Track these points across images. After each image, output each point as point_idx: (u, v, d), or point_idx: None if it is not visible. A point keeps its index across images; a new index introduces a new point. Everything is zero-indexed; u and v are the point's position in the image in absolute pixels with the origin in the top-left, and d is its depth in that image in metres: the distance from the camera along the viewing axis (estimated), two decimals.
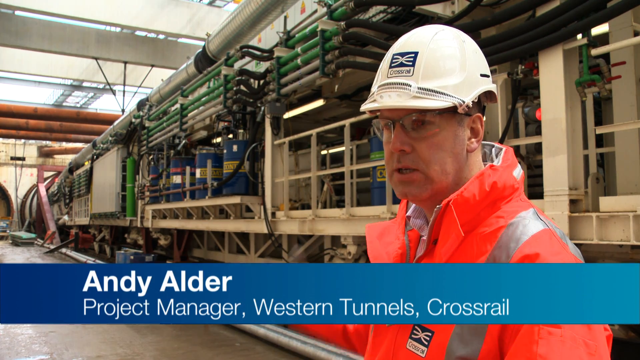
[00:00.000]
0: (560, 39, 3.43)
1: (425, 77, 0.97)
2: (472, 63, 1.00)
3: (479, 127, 1.02)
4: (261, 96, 6.83)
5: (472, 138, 1.02)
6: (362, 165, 5.92)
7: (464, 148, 1.00)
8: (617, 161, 3.78)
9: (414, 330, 0.99)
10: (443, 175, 0.98)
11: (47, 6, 16.05)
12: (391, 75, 0.99)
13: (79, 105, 35.28)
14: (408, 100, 0.96)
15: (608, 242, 3.18)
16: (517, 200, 1.00)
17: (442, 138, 0.98)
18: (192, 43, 19.35)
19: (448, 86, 0.97)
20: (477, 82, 1.00)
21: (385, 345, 1.05)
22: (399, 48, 1.01)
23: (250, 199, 7.17)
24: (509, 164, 1.02)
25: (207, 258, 11.08)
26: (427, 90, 0.96)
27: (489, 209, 0.97)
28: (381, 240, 1.13)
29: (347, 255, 5.58)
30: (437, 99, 0.95)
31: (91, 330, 7.36)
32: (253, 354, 6.20)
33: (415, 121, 0.97)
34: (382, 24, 5.01)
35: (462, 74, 0.98)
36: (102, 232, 19.18)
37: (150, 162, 11.79)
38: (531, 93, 5.03)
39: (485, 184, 0.96)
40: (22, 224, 41.06)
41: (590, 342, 0.81)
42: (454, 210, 0.95)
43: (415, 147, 0.98)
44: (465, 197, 0.95)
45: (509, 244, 0.91)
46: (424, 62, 0.97)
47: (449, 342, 0.92)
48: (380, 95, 0.99)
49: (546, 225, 0.94)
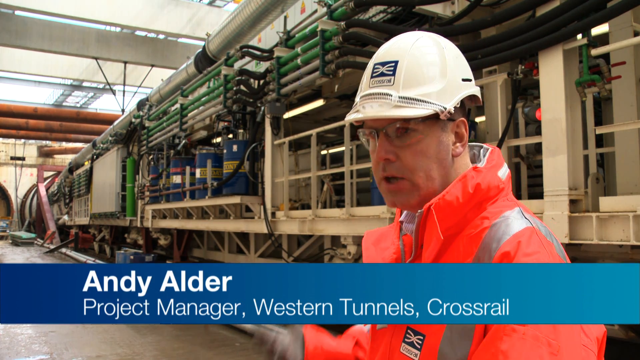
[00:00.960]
0: (560, 39, 3.43)
1: (405, 85, 0.98)
2: (453, 69, 1.00)
3: (463, 132, 1.03)
4: (261, 96, 6.82)
5: (457, 142, 1.02)
6: (362, 165, 5.92)
7: (448, 153, 1.01)
8: (617, 161, 3.78)
9: (406, 334, 0.99)
10: (429, 182, 0.99)
11: (47, 6, 16.05)
12: (373, 85, 1.00)
13: (79, 105, 35.28)
14: (389, 110, 0.97)
15: (608, 242, 3.18)
16: (503, 200, 1.00)
17: (426, 145, 0.99)
18: (192, 43, 19.35)
19: (429, 93, 0.97)
20: (459, 87, 1.00)
21: (381, 349, 1.05)
22: (380, 57, 1.02)
23: (250, 199, 7.17)
24: (494, 165, 1.03)
25: (207, 258, 11.08)
26: (407, 99, 0.97)
27: (475, 211, 0.98)
28: (377, 247, 1.14)
29: (347, 255, 5.58)
30: (418, 107, 0.96)
31: (91, 330, 7.37)
32: (253, 354, 6.20)
33: (399, 129, 0.98)
34: (382, 24, 5.01)
35: (443, 80, 0.99)
36: (102, 232, 19.19)
37: (150, 162, 11.78)
38: (531, 93, 5.03)
39: (468, 186, 0.97)
40: (22, 224, 41.07)
41: (554, 342, 0.82)
42: (434, 214, 0.96)
43: (399, 155, 0.99)
44: (448, 200, 0.96)
45: (491, 244, 0.92)
46: (404, 71, 0.98)
47: (440, 346, 0.92)
48: (362, 105, 1.00)
49: (530, 223, 0.94)
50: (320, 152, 8.31)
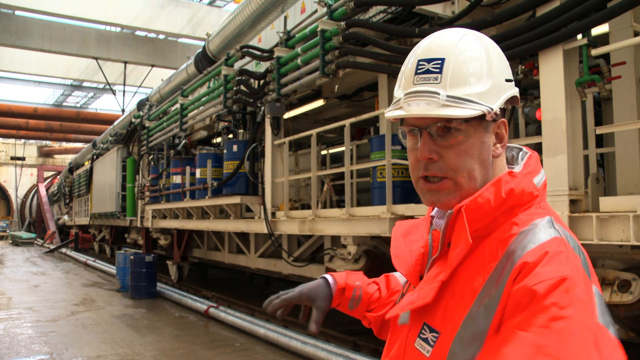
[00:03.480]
0: (560, 39, 3.43)
1: (453, 84, 0.96)
2: (498, 69, 0.99)
3: (503, 133, 1.02)
4: (261, 96, 6.82)
5: (497, 143, 1.02)
6: (362, 165, 5.91)
7: (490, 154, 1.00)
8: (617, 161, 3.78)
9: (422, 330, 1.00)
10: (471, 182, 0.98)
11: (47, 6, 16.05)
12: (417, 82, 0.98)
13: (79, 105, 35.28)
14: (437, 109, 0.95)
15: (608, 242, 3.18)
16: (536, 207, 0.99)
17: (470, 145, 0.98)
18: (192, 43, 19.36)
19: (476, 93, 0.96)
20: (503, 88, 1.00)
21: (398, 342, 1.07)
22: (424, 53, 1.00)
23: (250, 199, 7.17)
24: (530, 171, 1.01)
25: (207, 258, 11.09)
26: (456, 98, 0.95)
27: (506, 215, 0.97)
28: (406, 238, 1.13)
29: (347, 255, 5.58)
30: (466, 107, 0.95)
31: (91, 330, 7.37)
32: (253, 354, 6.20)
33: (442, 128, 0.97)
34: (382, 24, 5.01)
35: (489, 81, 0.98)
36: (102, 232, 19.19)
37: (150, 162, 11.79)
38: (531, 93, 5.03)
39: (501, 190, 0.96)
40: (22, 224, 41.06)
41: (554, 353, 0.79)
42: (464, 215, 0.95)
43: (442, 154, 0.98)
44: (479, 202, 0.95)
45: (515, 251, 0.91)
46: (451, 69, 0.96)
47: (452, 345, 0.92)
48: (407, 103, 0.98)
49: (558, 233, 0.93)
50: (320, 152, 8.31)
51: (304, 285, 1.33)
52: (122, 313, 8.77)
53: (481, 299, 0.91)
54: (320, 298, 1.31)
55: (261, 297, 7.96)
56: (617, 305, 3.29)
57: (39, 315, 8.51)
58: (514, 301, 0.86)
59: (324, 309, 1.31)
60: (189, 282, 11.50)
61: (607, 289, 3.34)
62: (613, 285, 3.33)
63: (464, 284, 0.95)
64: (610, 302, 3.30)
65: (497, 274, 0.91)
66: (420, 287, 1.01)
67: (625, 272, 3.34)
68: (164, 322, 8.03)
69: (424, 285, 1.00)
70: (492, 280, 0.91)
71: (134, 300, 10.07)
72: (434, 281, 0.98)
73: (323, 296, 1.31)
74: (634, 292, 3.22)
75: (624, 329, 3.52)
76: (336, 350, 5.38)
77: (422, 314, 1.00)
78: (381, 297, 1.36)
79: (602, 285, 3.36)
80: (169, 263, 11.49)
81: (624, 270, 3.39)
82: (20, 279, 13.77)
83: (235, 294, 10.05)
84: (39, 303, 9.74)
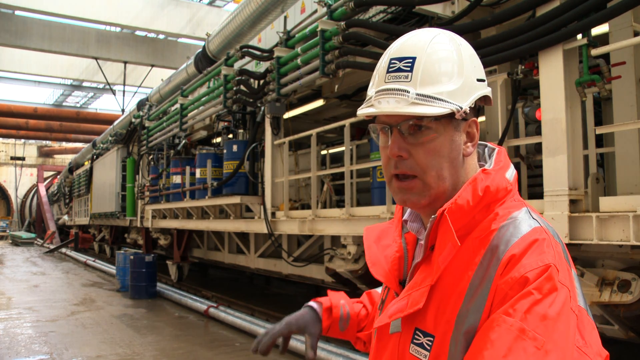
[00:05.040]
0: (560, 39, 3.43)
1: (423, 83, 0.97)
2: (469, 68, 1.00)
3: (474, 131, 1.03)
4: (261, 96, 6.82)
5: (467, 142, 1.02)
6: (362, 165, 5.91)
7: (460, 153, 1.01)
8: (617, 161, 3.78)
9: (415, 335, 0.99)
10: (440, 181, 0.99)
11: (47, 6, 16.04)
12: (389, 80, 0.99)
13: (79, 105, 35.28)
14: (406, 107, 0.96)
15: (608, 242, 3.17)
16: (510, 200, 1.00)
17: (439, 144, 0.98)
18: (192, 43, 19.36)
19: (446, 92, 0.97)
20: (474, 87, 1.00)
21: (389, 350, 1.05)
22: (396, 52, 1.01)
23: (250, 199, 7.17)
24: (502, 166, 1.03)
25: (206, 258, 11.09)
26: (425, 96, 0.96)
27: (483, 212, 0.98)
28: (378, 244, 1.13)
29: (347, 255, 5.57)
30: (435, 105, 0.96)
31: (91, 330, 7.37)
32: (253, 354, 6.19)
33: (412, 126, 0.98)
34: (382, 24, 5.01)
35: (460, 80, 0.98)
36: (102, 232, 19.19)
37: (150, 162, 11.78)
38: (531, 93, 5.03)
39: (478, 189, 0.97)
40: (22, 224, 41.05)
41: (539, 337, 0.82)
42: (449, 219, 0.95)
43: (412, 152, 0.98)
44: (459, 204, 0.96)
45: (499, 246, 0.92)
46: (422, 68, 0.97)
47: (449, 346, 0.93)
48: (378, 100, 0.99)
49: (538, 223, 0.95)
50: (320, 152, 8.31)
51: (290, 317, 1.33)
52: (122, 313, 8.77)
53: (469, 297, 0.92)
54: (310, 324, 1.31)
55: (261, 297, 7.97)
56: (617, 305, 3.29)
57: (38, 315, 8.51)
58: (501, 293, 0.88)
59: (316, 334, 1.30)
60: (188, 282, 11.50)
61: (607, 289, 3.34)
62: (613, 285, 3.32)
63: (451, 284, 0.95)
64: (610, 302, 3.30)
65: (483, 270, 0.92)
66: (407, 293, 1.00)
67: (625, 272, 3.34)
68: (164, 322, 8.04)
69: (410, 290, 1.00)
70: (478, 276, 0.92)
71: (133, 300, 10.07)
72: (421, 286, 0.98)
73: (312, 322, 1.32)
74: (634, 292, 3.22)
75: (624, 329, 3.52)
76: (336, 350, 5.38)
77: (412, 319, 1.00)
78: (369, 314, 1.36)
79: (602, 285, 3.36)
80: (169, 263, 11.49)
81: (623, 270, 3.39)
82: (20, 279, 13.77)
83: (235, 294, 10.05)
84: (38, 303, 9.74)
